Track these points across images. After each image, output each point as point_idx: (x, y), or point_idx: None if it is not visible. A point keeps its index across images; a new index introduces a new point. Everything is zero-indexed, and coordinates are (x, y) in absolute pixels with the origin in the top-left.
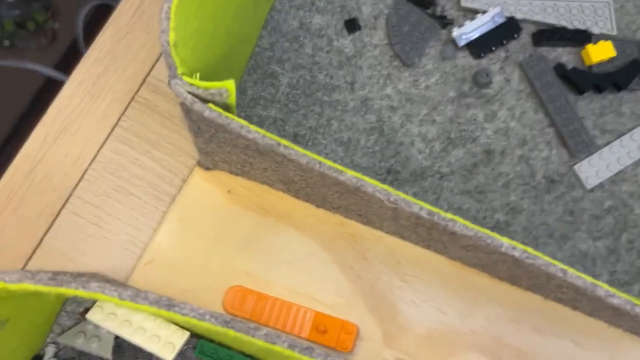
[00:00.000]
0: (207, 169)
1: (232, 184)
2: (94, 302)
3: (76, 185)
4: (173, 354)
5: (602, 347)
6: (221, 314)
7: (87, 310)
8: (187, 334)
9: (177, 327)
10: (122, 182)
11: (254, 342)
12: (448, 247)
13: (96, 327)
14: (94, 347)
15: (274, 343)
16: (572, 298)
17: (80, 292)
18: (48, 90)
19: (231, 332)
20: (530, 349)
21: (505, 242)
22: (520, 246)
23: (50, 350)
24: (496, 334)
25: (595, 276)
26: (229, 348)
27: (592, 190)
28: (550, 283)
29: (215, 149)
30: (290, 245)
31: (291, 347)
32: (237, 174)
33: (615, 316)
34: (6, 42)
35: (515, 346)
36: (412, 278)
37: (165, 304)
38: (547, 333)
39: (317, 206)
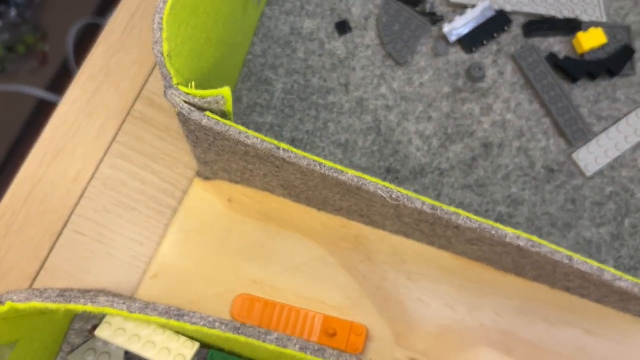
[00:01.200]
0: (207, 179)
1: (233, 193)
2: (102, 318)
3: (77, 204)
4: None
5: (613, 333)
6: (231, 321)
7: (95, 327)
8: (197, 345)
9: (186, 338)
10: (123, 198)
11: (266, 347)
12: (452, 243)
13: (105, 343)
14: None
15: (285, 347)
16: (580, 286)
17: (90, 308)
18: (41, 112)
19: (242, 338)
20: (540, 340)
21: (509, 232)
22: (525, 235)
23: None
24: (505, 327)
25: (600, 263)
26: (239, 357)
27: (592, 177)
28: (557, 272)
29: (215, 157)
30: (295, 251)
31: (303, 349)
32: (237, 182)
33: (623, 301)
34: None
35: (525, 338)
36: (418, 276)
37: (175, 314)
38: (557, 323)
39: (319, 209)
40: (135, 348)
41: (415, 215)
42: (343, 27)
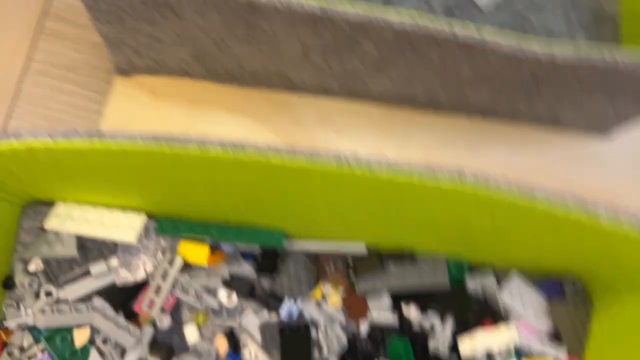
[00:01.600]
0: (125, 73)
1: (155, 85)
2: (47, 213)
3: (6, 126)
4: (135, 236)
5: (531, 147)
6: (152, 132)
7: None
8: (143, 215)
9: (133, 213)
10: (51, 112)
11: (189, 155)
12: (366, 81)
13: (57, 234)
14: (58, 251)
15: (206, 148)
16: (489, 97)
17: (14, 143)
18: None
19: (166, 149)
20: (468, 165)
21: (393, 16)
22: (410, 19)
23: (19, 267)
24: (435, 159)
25: None
26: (187, 223)
27: (490, 12)
28: (461, 77)
29: (119, 29)
30: (227, 129)
31: (223, 146)
32: (154, 71)
33: (530, 101)
34: None
35: (454, 165)
36: (347, 130)
37: (96, 135)
38: (480, 148)
39: (240, 85)
40: (85, 231)
41: (316, 43)
42: None
